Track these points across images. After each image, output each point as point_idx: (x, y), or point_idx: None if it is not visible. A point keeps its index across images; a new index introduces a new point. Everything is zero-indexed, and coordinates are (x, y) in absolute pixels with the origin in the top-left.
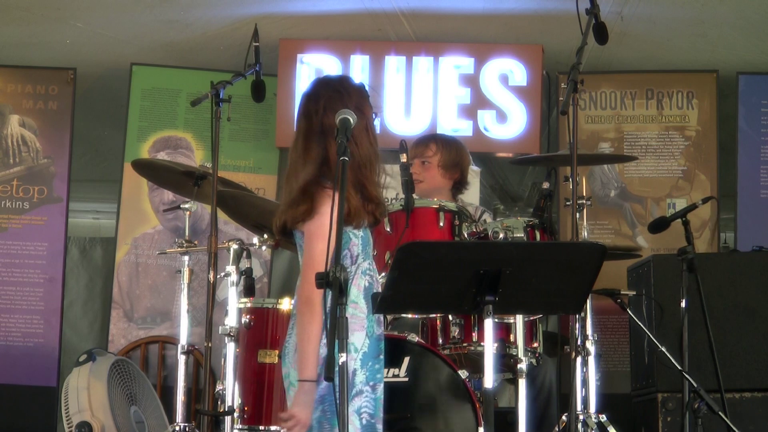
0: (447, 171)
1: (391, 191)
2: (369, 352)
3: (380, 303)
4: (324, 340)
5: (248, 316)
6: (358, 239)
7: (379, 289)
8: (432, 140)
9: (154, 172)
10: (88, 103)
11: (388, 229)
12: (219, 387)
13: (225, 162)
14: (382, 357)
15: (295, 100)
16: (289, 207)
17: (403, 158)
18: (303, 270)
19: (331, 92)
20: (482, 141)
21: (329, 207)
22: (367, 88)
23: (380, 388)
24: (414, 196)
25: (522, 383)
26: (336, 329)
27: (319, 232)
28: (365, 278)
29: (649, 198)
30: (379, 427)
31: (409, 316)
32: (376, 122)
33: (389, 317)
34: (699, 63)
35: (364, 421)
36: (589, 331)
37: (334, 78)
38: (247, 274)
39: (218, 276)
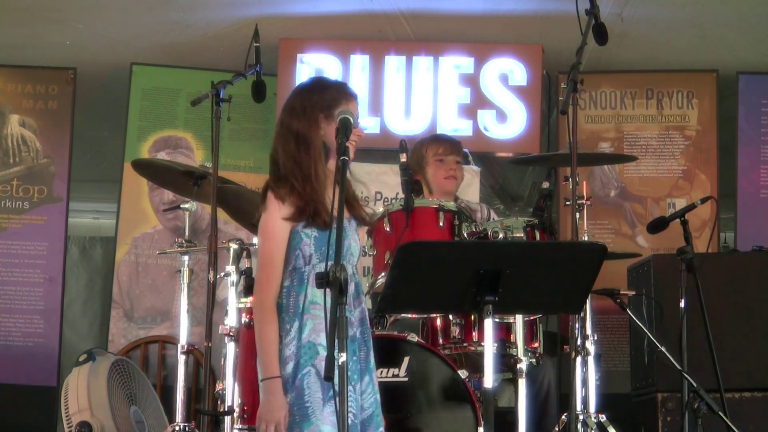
0: None
1: (388, 190)
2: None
3: (380, 303)
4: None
5: (248, 316)
6: (310, 239)
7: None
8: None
9: (154, 171)
10: (88, 103)
11: (388, 229)
12: (219, 387)
13: (225, 162)
14: (356, 358)
15: None
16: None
17: (403, 158)
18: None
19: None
20: (482, 141)
21: (275, 208)
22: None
23: (358, 387)
24: (412, 196)
25: (522, 383)
26: (336, 329)
27: (264, 232)
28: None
29: (649, 198)
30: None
31: (409, 315)
32: (376, 123)
33: (390, 317)
34: (699, 63)
35: (349, 421)
36: (588, 330)
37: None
38: (246, 274)
39: (218, 276)
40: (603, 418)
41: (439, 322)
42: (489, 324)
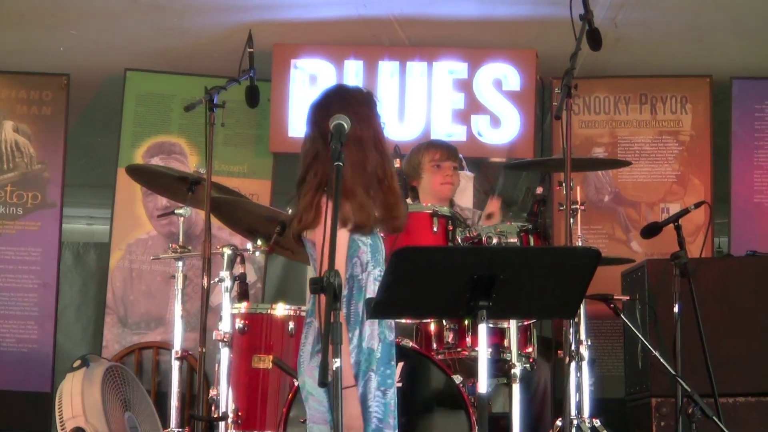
0: None
1: None
2: (381, 357)
3: (374, 308)
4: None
5: (242, 322)
6: (366, 246)
7: None
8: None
9: (148, 177)
10: (82, 109)
11: (382, 234)
12: (213, 392)
13: (219, 167)
14: (393, 363)
15: (289, 106)
16: (299, 215)
17: (397, 163)
18: None
19: (337, 99)
20: (476, 146)
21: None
22: (371, 95)
23: (390, 393)
24: (409, 200)
25: (516, 388)
26: (330, 335)
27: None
28: (376, 285)
29: (643, 203)
30: None
31: (404, 321)
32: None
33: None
34: (693, 68)
35: (373, 426)
36: (582, 335)
37: (337, 87)
38: (240, 280)
39: (212, 281)
40: (597, 423)
41: (433, 327)
42: (483, 329)
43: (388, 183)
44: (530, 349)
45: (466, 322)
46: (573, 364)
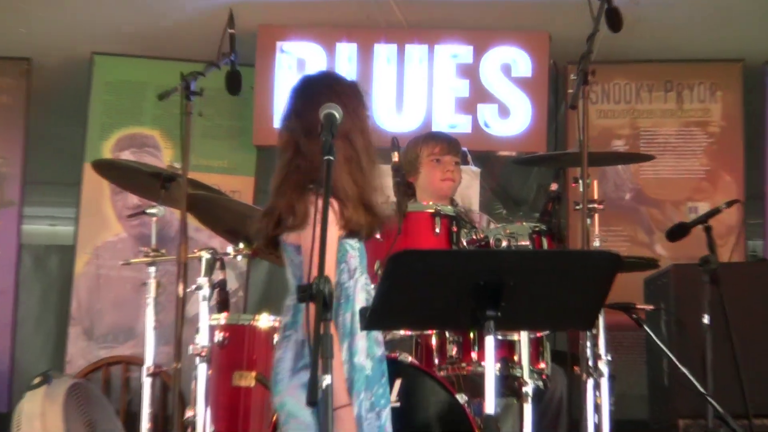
0: None
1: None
2: (373, 374)
3: (369, 318)
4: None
5: (222, 334)
6: (356, 251)
7: None
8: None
9: (118, 173)
10: (44, 97)
11: (378, 236)
12: (189, 413)
13: (197, 162)
14: (386, 380)
15: (274, 93)
16: (276, 215)
17: (395, 157)
18: None
19: (324, 89)
20: (482, 138)
21: (331, 217)
22: (359, 86)
23: (385, 414)
24: (405, 200)
25: (527, 408)
26: (319, 348)
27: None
28: (364, 294)
29: (667, 201)
30: None
31: (402, 333)
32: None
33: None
34: (722, 52)
35: None
36: (601, 349)
37: (325, 74)
38: (220, 287)
39: (188, 289)
40: None
41: (434, 340)
42: (490, 342)
43: (367, 184)
44: (543, 365)
45: (472, 334)
46: (590, 381)
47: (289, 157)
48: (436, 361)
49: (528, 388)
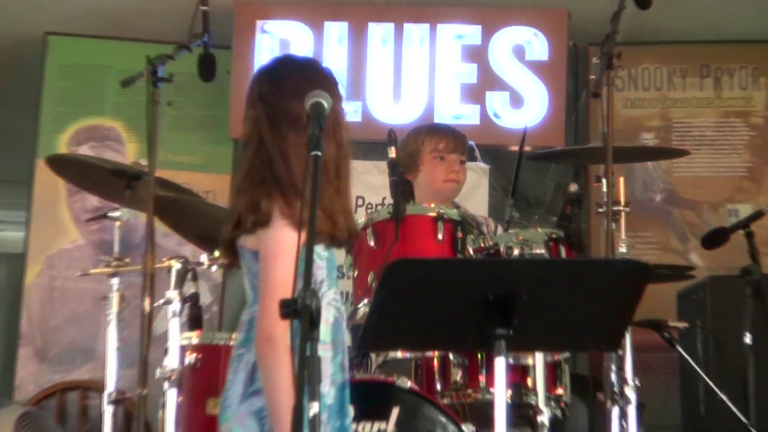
0: None
1: (373, 193)
2: (334, 404)
3: (362, 337)
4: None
5: (194, 355)
6: (323, 261)
7: (344, 325)
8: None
9: (75, 170)
10: None
11: (372, 243)
12: None
13: (165, 158)
14: (348, 410)
15: None
16: (236, 216)
17: (392, 153)
18: (260, 298)
19: (297, 74)
20: (491, 131)
21: (289, 217)
22: (335, 74)
23: None
24: (402, 201)
25: None
26: (305, 372)
27: (279, 247)
28: (332, 311)
29: (704, 203)
30: None
31: (399, 354)
32: (357, 108)
33: (375, 356)
34: (766, 32)
35: None
36: (628, 373)
37: (299, 58)
38: (192, 302)
39: (156, 304)
40: None
41: (436, 362)
42: (501, 364)
43: (341, 185)
44: (561, 391)
45: (480, 355)
46: (615, 410)
47: (253, 151)
48: (439, 386)
49: (544, 418)
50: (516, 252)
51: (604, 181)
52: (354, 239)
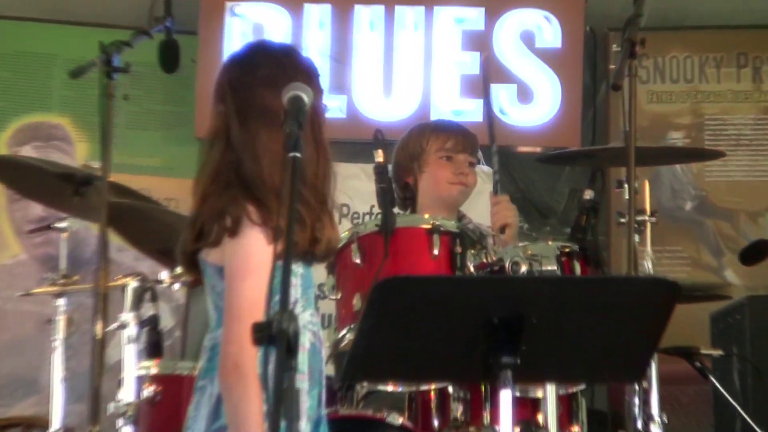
0: None
1: (359, 201)
2: None
3: (347, 367)
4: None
5: (153, 388)
6: (297, 278)
7: (323, 352)
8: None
9: (16, 174)
10: None
11: (358, 261)
12: None
13: (121, 160)
14: None
15: None
16: (198, 225)
17: (379, 156)
18: (225, 321)
19: (272, 63)
20: (497, 129)
21: (260, 226)
22: (315, 65)
23: None
24: (396, 211)
25: None
26: (282, 406)
27: (247, 262)
28: (308, 335)
29: (741, 212)
30: None
31: (390, 387)
32: (341, 104)
33: (361, 388)
34: None
35: None
36: (653, 408)
37: (275, 45)
38: (151, 326)
39: (109, 328)
40: None
41: (434, 395)
42: (507, 398)
43: (320, 191)
44: (576, 428)
45: (483, 387)
46: None
47: (220, 150)
48: (437, 423)
49: None
50: (523, 268)
51: (626, 186)
52: (332, 254)
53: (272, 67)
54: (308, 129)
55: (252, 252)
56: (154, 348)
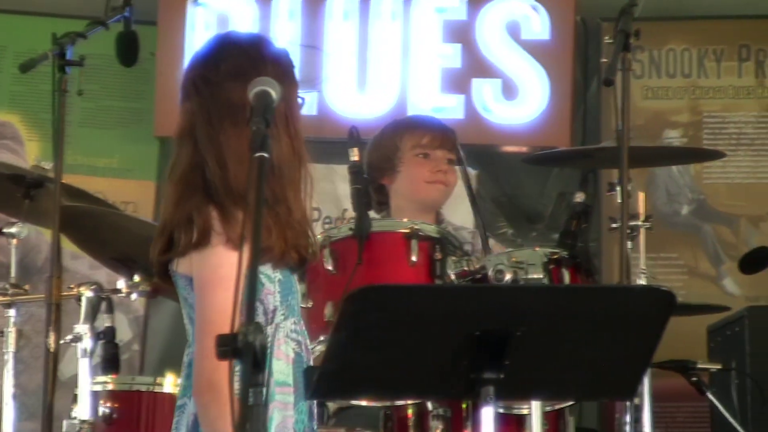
0: None
1: (331, 204)
2: None
3: (318, 382)
4: None
5: (109, 404)
6: (274, 285)
7: (311, 360)
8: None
9: None
10: None
11: (330, 267)
12: None
13: (75, 160)
14: None
15: (184, 64)
16: (166, 233)
17: (355, 155)
18: (197, 337)
19: (238, 55)
20: (480, 127)
21: (226, 233)
22: (289, 55)
23: None
24: (372, 215)
25: None
26: (247, 424)
27: (217, 273)
28: (292, 345)
29: (742, 217)
30: None
31: (364, 403)
32: (312, 99)
33: (332, 405)
34: None
35: None
36: (646, 427)
37: (242, 35)
38: (107, 338)
39: (62, 341)
40: None
41: (411, 413)
42: (490, 415)
43: (293, 193)
44: None
45: (464, 404)
46: None
47: (188, 152)
48: None
49: None
50: (508, 277)
51: (618, 189)
52: (311, 261)
53: (238, 58)
54: (282, 126)
55: (220, 262)
56: (110, 362)
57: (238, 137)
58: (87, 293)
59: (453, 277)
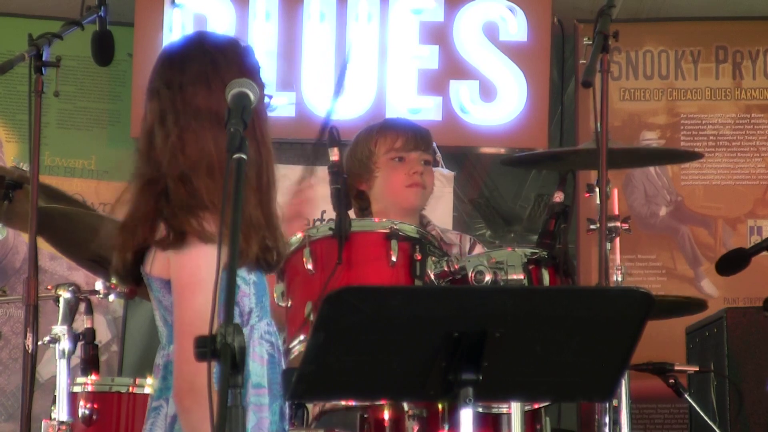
0: None
1: (310, 205)
2: None
3: (296, 384)
4: None
5: (89, 405)
6: (249, 287)
7: (283, 362)
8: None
9: None
10: None
11: (310, 267)
12: None
13: (52, 161)
14: None
15: None
16: (130, 235)
17: (334, 155)
18: (177, 339)
19: (205, 59)
20: (457, 129)
21: (201, 235)
22: (256, 57)
23: None
24: (347, 215)
25: None
26: (227, 426)
27: (196, 275)
28: (265, 346)
29: (720, 218)
30: None
31: (342, 403)
32: (288, 100)
33: (311, 407)
34: None
35: None
36: (624, 428)
37: (213, 36)
38: (86, 340)
39: (41, 342)
40: None
41: (388, 413)
42: (468, 416)
43: (267, 195)
44: None
45: (441, 405)
46: None
47: (153, 150)
48: None
49: None
50: (488, 278)
51: (596, 191)
52: (281, 261)
53: (205, 63)
54: (250, 127)
55: (200, 265)
56: (89, 363)
57: (197, 140)
58: (65, 294)
59: (433, 277)
